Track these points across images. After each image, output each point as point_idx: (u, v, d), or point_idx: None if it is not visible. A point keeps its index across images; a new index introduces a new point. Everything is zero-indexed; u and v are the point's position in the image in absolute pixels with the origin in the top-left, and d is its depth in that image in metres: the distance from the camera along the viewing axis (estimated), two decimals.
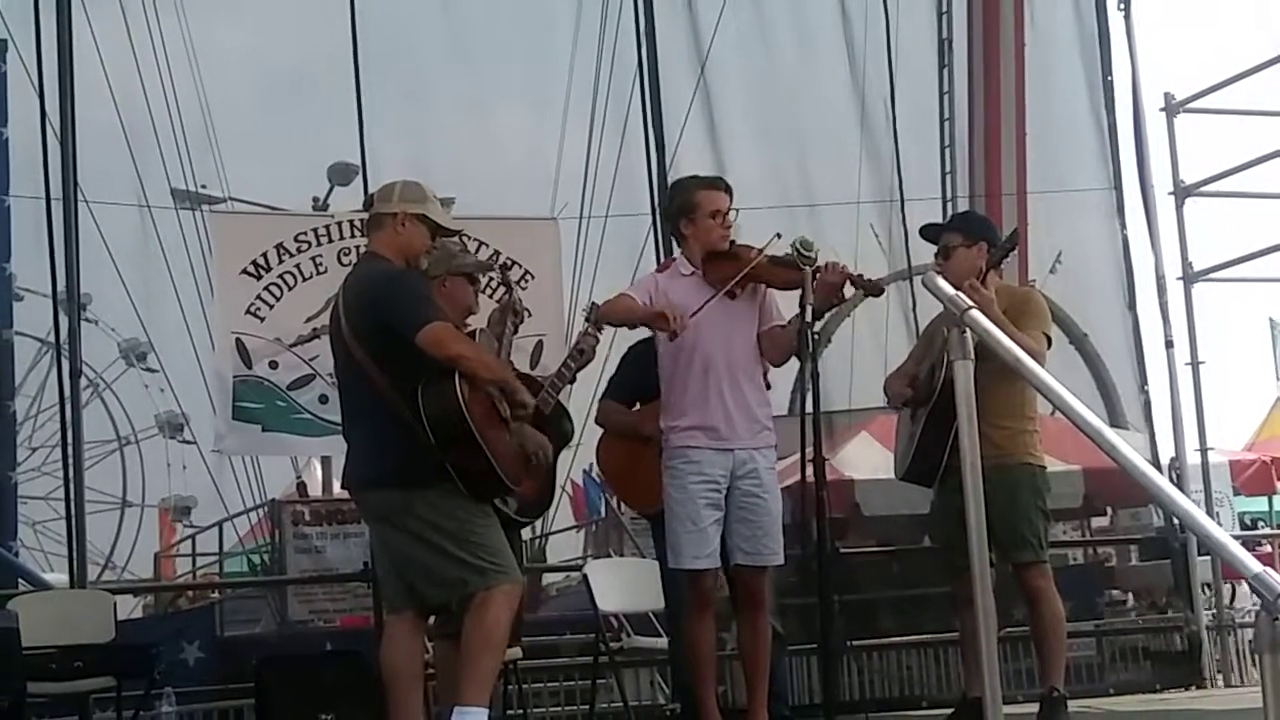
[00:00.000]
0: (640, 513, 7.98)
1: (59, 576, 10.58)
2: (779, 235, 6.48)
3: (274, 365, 9.17)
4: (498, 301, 7.05)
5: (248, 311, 9.21)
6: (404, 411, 5.74)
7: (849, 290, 6.45)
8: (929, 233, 7.35)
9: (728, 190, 6.61)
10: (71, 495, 9.16)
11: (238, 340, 9.18)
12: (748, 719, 6.42)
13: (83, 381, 9.61)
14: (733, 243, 6.48)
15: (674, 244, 6.90)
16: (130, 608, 13.40)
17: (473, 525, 5.81)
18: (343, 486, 6.31)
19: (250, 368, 9.15)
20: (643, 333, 7.09)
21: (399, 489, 5.80)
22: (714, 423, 6.32)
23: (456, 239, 6.67)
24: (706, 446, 6.30)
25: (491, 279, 7.91)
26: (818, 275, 6.19)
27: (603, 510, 15.32)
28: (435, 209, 6.15)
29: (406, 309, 5.79)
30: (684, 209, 6.56)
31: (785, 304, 6.52)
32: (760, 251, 6.36)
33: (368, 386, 5.86)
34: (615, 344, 7.36)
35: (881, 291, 6.82)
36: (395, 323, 5.76)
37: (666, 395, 6.48)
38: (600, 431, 7.54)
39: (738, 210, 6.63)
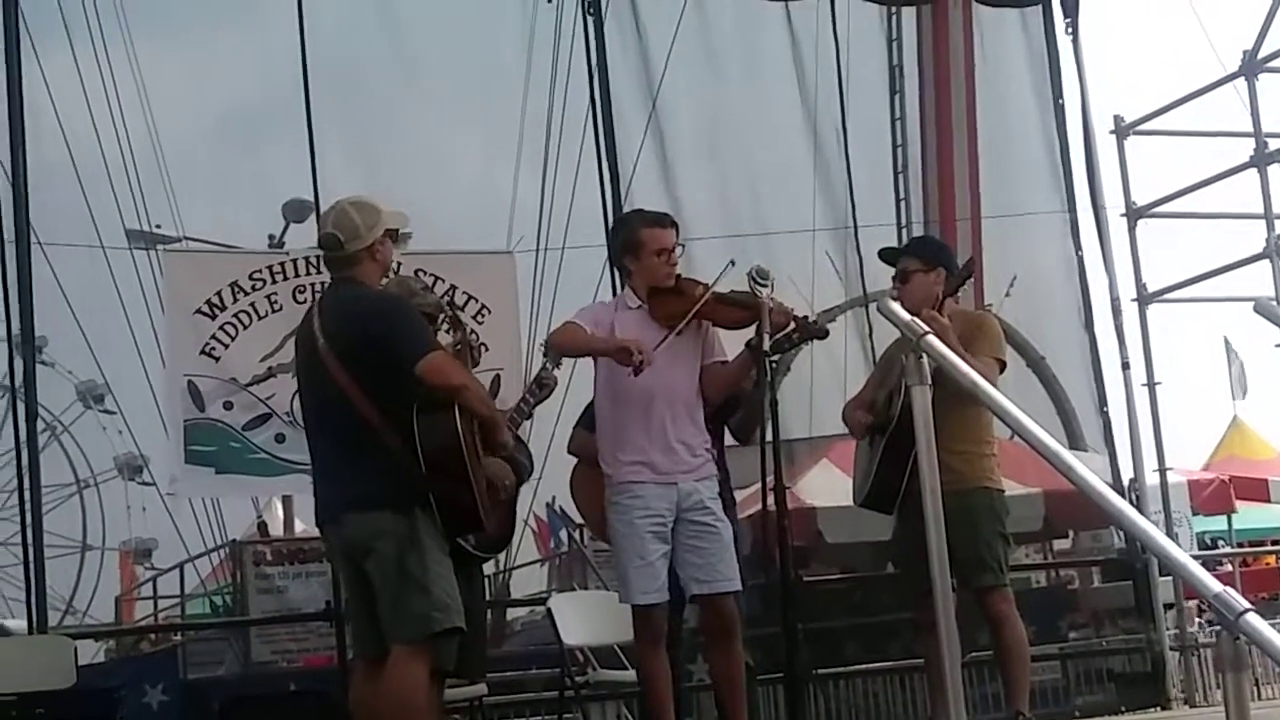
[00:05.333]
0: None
1: (18, 623, 10.51)
2: (733, 263, 6.48)
3: (229, 406, 9.11)
4: (453, 340, 7.01)
5: (202, 352, 9.15)
6: (388, 437, 5.67)
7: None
8: (887, 255, 7.36)
9: (674, 226, 6.56)
10: (30, 540, 9.06)
11: (189, 382, 9.12)
12: None
13: (40, 424, 9.52)
14: (679, 278, 6.46)
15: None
16: (92, 653, 13.31)
17: (435, 559, 5.73)
18: (317, 519, 6.14)
19: (203, 410, 9.08)
20: None
21: (377, 511, 5.68)
22: (657, 458, 6.28)
23: (416, 276, 6.64)
24: (651, 481, 6.26)
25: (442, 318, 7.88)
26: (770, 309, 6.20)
27: (566, 543, 15.30)
28: (389, 215, 6.09)
29: (407, 337, 5.76)
30: (629, 246, 6.53)
31: (729, 342, 6.51)
32: (708, 289, 6.34)
33: (348, 410, 5.73)
34: (575, 377, 7.32)
35: (826, 335, 6.81)
36: (396, 349, 5.70)
37: (607, 431, 6.42)
38: (567, 464, 7.44)
39: (684, 245, 6.60)
